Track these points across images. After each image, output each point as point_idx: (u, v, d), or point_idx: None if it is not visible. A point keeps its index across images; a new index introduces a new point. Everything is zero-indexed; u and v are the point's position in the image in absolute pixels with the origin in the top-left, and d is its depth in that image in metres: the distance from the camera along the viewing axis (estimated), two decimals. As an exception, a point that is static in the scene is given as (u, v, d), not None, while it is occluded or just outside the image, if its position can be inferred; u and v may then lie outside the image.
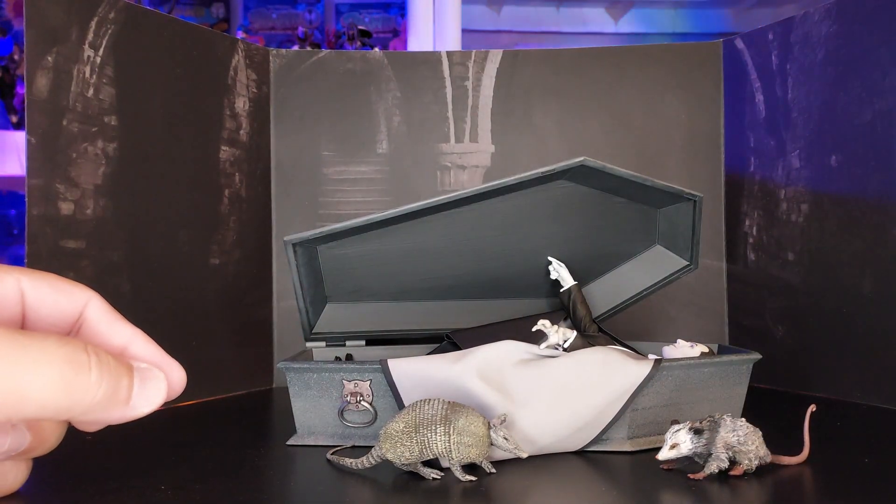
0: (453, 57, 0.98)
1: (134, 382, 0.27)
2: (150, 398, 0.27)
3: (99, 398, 0.25)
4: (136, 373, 0.27)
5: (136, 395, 0.27)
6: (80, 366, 0.24)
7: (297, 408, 0.60)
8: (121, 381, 0.25)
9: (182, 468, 0.54)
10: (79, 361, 0.24)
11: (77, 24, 0.72)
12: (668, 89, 0.95)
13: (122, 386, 0.25)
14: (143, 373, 0.27)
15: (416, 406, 0.49)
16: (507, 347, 0.56)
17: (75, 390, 0.24)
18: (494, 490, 0.48)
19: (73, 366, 0.24)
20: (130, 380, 0.26)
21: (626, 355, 0.57)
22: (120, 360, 0.26)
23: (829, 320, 0.80)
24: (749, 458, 0.49)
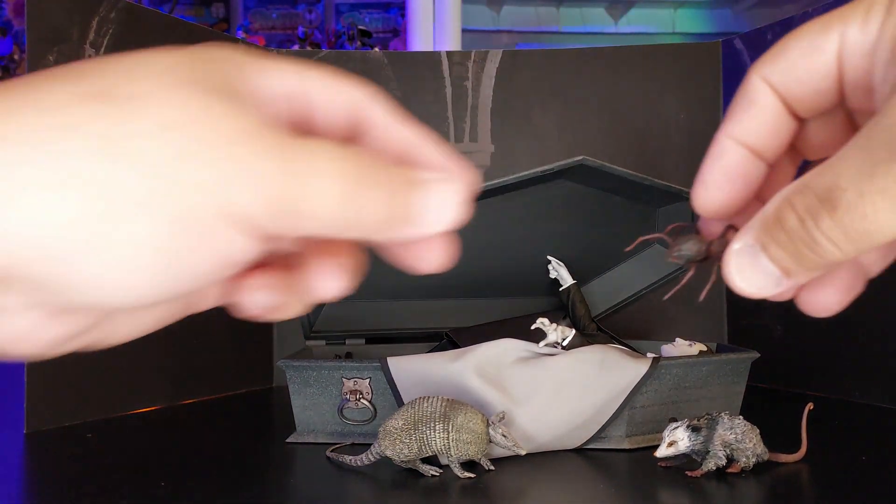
0: (453, 57, 0.98)
1: (421, 198, 0.22)
2: (441, 216, 0.22)
3: (382, 215, 0.21)
4: (423, 187, 0.22)
5: (425, 212, 0.22)
6: (363, 181, 0.20)
7: (296, 405, 0.60)
8: (406, 198, 0.21)
9: (182, 465, 0.54)
10: (359, 173, 0.20)
11: (78, 24, 0.72)
12: (667, 89, 0.95)
13: (408, 203, 0.21)
14: (432, 186, 0.22)
15: (415, 403, 0.49)
16: (505, 345, 0.56)
17: (357, 207, 0.20)
18: (493, 487, 0.48)
19: (355, 181, 0.20)
20: (416, 195, 0.22)
21: (625, 354, 0.57)
22: (405, 172, 0.22)
23: (827, 319, 0.80)
24: (747, 456, 0.49)
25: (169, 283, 0.20)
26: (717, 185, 0.27)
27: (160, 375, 0.78)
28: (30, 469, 0.58)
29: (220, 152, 0.19)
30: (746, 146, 0.27)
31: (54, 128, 0.18)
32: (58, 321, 0.21)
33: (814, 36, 0.25)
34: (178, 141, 0.19)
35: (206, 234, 0.19)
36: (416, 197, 0.22)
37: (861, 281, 0.26)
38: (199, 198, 0.19)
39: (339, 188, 0.20)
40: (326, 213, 0.20)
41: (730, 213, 0.26)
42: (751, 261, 0.24)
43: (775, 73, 0.26)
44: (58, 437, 0.64)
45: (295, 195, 0.20)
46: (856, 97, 0.25)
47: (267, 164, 0.19)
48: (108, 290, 0.19)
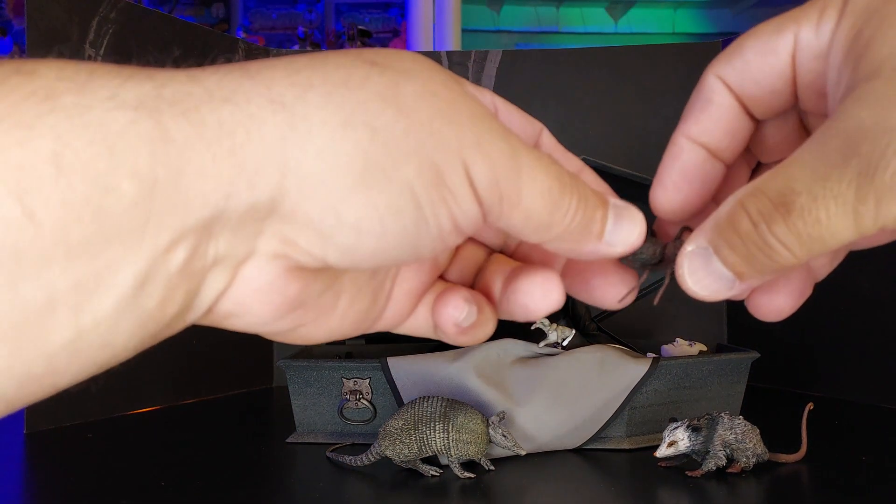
0: (453, 57, 0.98)
1: (608, 218, 0.24)
2: (625, 238, 0.24)
3: (574, 225, 0.23)
4: (611, 209, 0.24)
5: (610, 232, 0.24)
6: (565, 186, 0.23)
7: (296, 405, 0.60)
8: (595, 213, 0.24)
9: (182, 465, 0.54)
10: (564, 182, 0.23)
11: (78, 24, 0.72)
12: (667, 89, 0.95)
13: (596, 218, 0.24)
14: (620, 210, 0.25)
15: (415, 403, 0.49)
16: (505, 346, 0.56)
17: (557, 209, 0.23)
18: (493, 487, 0.48)
19: (559, 184, 0.22)
20: (605, 214, 0.24)
21: (625, 354, 0.57)
22: (597, 193, 0.24)
23: (827, 319, 0.80)
24: (747, 456, 0.49)
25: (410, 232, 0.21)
26: (674, 185, 0.27)
27: (160, 375, 0.78)
28: (30, 469, 0.58)
29: (469, 120, 0.21)
30: (704, 146, 0.27)
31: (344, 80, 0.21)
32: (295, 279, 0.22)
33: (768, 36, 0.25)
34: (438, 103, 0.21)
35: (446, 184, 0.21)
36: (607, 215, 0.24)
37: (810, 285, 0.26)
38: (449, 151, 0.21)
39: (549, 187, 0.22)
40: (535, 207, 0.22)
41: (687, 215, 0.26)
42: (703, 263, 0.24)
43: (731, 73, 0.26)
44: (58, 437, 0.64)
45: (516, 181, 0.22)
46: (809, 100, 0.25)
47: (502, 145, 0.21)
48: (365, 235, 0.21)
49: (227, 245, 0.21)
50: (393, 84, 0.21)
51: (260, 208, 0.20)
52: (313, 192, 0.20)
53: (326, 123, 0.20)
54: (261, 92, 0.20)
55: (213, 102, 0.19)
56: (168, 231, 0.19)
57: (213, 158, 0.19)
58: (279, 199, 0.20)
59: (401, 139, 0.20)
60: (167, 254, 0.19)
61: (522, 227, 0.22)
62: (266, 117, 0.19)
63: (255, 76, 0.20)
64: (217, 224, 0.20)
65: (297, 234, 0.21)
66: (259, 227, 0.21)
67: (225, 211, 0.20)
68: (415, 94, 0.21)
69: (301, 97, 0.20)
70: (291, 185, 0.20)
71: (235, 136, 0.19)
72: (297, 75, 0.20)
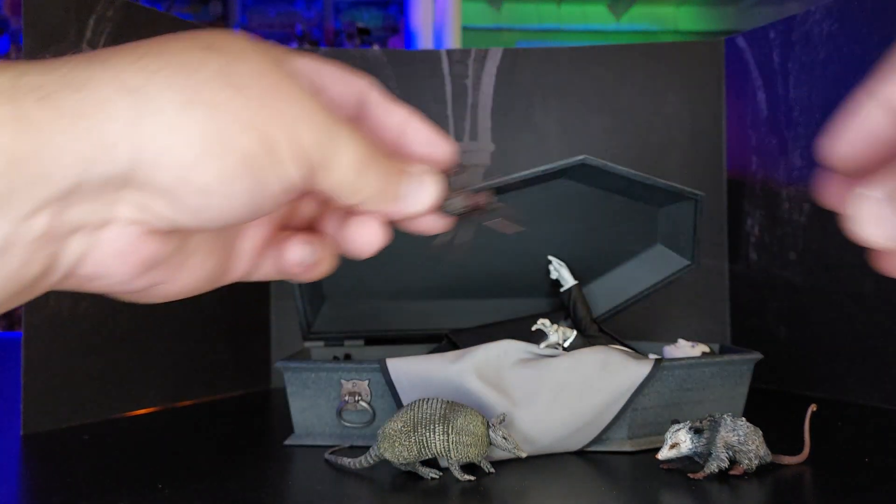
0: (453, 55, 0.97)
1: (406, 184, 0.30)
2: (419, 199, 0.30)
3: (377, 189, 0.28)
4: (408, 177, 0.30)
5: (406, 196, 0.30)
6: (372, 157, 0.28)
7: (294, 408, 0.60)
8: (397, 181, 0.29)
9: (180, 468, 0.54)
10: (371, 154, 0.28)
11: (75, 22, 0.71)
12: (669, 88, 0.95)
13: (395, 182, 0.29)
14: (415, 176, 0.30)
15: (414, 405, 0.49)
16: (506, 347, 0.56)
17: (361, 173, 0.27)
18: (493, 490, 0.47)
19: (367, 155, 0.27)
20: (401, 181, 0.30)
21: (627, 355, 0.56)
22: (398, 163, 0.30)
23: (830, 320, 0.80)
24: (749, 458, 0.48)
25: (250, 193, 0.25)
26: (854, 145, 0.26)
27: (157, 377, 0.78)
28: (27, 471, 0.57)
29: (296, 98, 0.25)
30: None
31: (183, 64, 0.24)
32: (150, 241, 0.25)
33: None
34: (269, 81, 0.25)
35: (277, 153, 0.25)
36: (403, 183, 0.29)
37: None
38: (279, 125, 0.25)
39: (355, 160, 0.27)
40: (343, 176, 0.27)
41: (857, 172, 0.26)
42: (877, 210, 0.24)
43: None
44: (55, 438, 0.64)
45: (331, 153, 0.26)
46: None
47: (323, 119, 0.26)
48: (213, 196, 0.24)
49: (85, 213, 0.23)
50: (228, 65, 0.24)
51: (116, 179, 0.23)
52: (164, 163, 0.23)
53: (172, 102, 0.23)
54: (112, 77, 0.23)
55: (70, 89, 0.22)
56: (30, 201, 0.22)
57: (72, 137, 0.22)
58: (134, 170, 0.23)
59: (238, 114, 0.24)
60: (28, 220, 0.22)
61: (336, 190, 0.27)
62: (118, 100, 0.22)
63: (105, 64, 0.23)
64: (76, 194, 0.23)
65: (152, 201, 0.24)
66: (116, 196, 0.24)
67: (83, 182, 0.23)
68: (248, 73, 0.24)
69: (148, 81, 0.23)
70: (145, 157, 0.23)
71: (92, 118, 0.22)
72: (142, 61, 0.23)
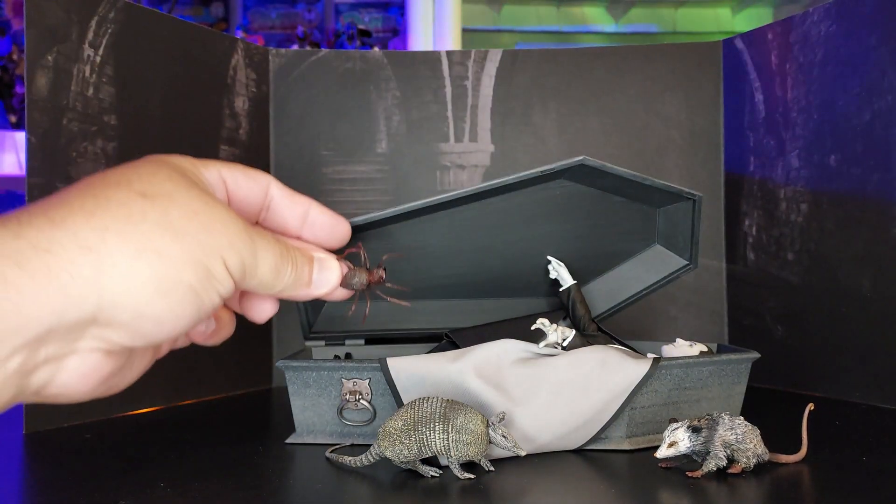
0: (453, 56, 0.98)
1: (314, 270, 0.37)
2: (326, 281, 0.38)
3: (291, 281, 0.35)
4: (315, 262, 0.37)
5: (316, 280, 0.37)
6: (285, 258, 0.35)
7: (296, 406, 0.60)
8: (304, 269, 0.36)
9: (181, 466, 0.54)
10: (284, 255, 0.35)
11: (77, 24, 0.72)
12: (667, 89, 0.95)
13: (305, 272, 0.36)
14: (321, 262, 0.38)
15: (414, 404, 0.49)
16: (505, 346, 0.56)
17: (279, 273, 0.34)
18: (493, 488, 0.48)
19: (281, 258, 0.34)
20: (311, 268, 0.37)
21: (625, 354, 0.57)
22: (304, 252, 0.37)
23: (828, 320, 0.80)
24: (747, 457, 0.49)
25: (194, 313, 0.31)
26: None
27: (159, 376, 0.78)
28: (29, 470, 0.57)
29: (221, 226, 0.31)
30: None
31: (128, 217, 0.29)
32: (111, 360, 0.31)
33: None
34: (199, 219, 0.31)
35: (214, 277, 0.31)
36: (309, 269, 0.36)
37: None
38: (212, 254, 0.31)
39: (272, 262, 0.34)
40: (265, 276, 0.34)
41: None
42: None
43: None
44: (57, 437, 0.64)
45: (253, 263, 0.33)
46: None
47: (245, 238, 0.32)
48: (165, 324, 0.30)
49: (54, 349, 0.28)
50: (164, 212, 0.30)
51: (83, 321, 0.28)
52: (123, 305, 0.28)
53: (124, 254, 0.28)
54: (71, 239, 0.28)
55: (37, 252, 0.27)
56: (8, 346, 0.27)
57: (45, 294, 0.27)
58: (98, 312, 0.28)
59: (179, 255, 0.29)
60: (6, 362, 0.27)
61: (257, 288, 0.34)
62: (80, 260, 0.28)
63: (62, 225, 0.28)
64: (48, 336, 0.28)
65: (112, 333, 0.29)
66: (81, 333, 0.29)
67: (56, 327, 0.27)
68: (180, 216, 0.30)
69: (102, 239, 0.28)
70: (106, 302, 0.28)
71: (61, 277, 0.27)
72: (93, 219, 0.28)
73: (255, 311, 0.38)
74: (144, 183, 0.30)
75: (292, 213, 0.38)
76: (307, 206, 0.39)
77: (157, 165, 0.32)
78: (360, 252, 0.44)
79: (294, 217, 0.39)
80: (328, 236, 0.39)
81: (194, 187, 0.32)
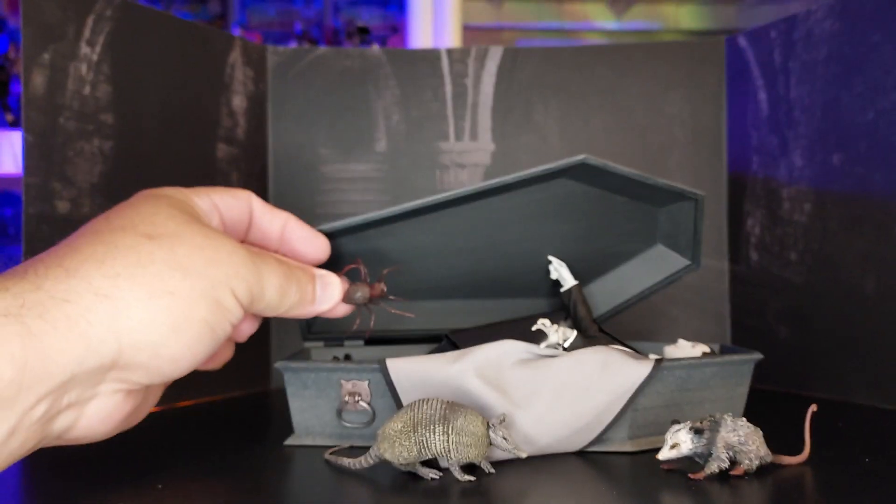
0: (453, 54, 0.97)
1: (317, 287, 0.39)
2: (328, 298, 0.40)
3: (296, 300, 0.37)
4: (317, 279, 0.39)
5: (319, 297, 0.39)
6: (289, 279, 0.36)
7: (294, 408, 0.60)
8: (308, 287, 0.38)
9: (179, 468, 0.54)
10: (288, 276, 0.36)
11: (74, 22, 0.71)
12: (670, 87, 0.95)
13: (308, 290, 0.38)
14: (323, 279, 0.40)
15: (414, 406, 0.49)
16: (506, 347, 0.56)
17: (284, 294, 0.36)
18: (493, 490, 0.47)
19: (286, 279, 0.36)
20: (314, 286, 0.39)
21: (627, 355, 0.56)
22: (307, 270, 0.38)
23: (831, 320, 0.80)
24: (750, 458, 0.48)
25: (209, 346, 0.32)
26: None
27: (158, 376, 0.78)
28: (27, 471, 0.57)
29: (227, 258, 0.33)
30: None
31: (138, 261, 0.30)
32: (130, 399, 0.32)
33: None
34: (204, 253, 0.32)
35: (225, 308, 0.32)
36: (313, 287, 0.38)
37: None
38: (221, 286, 0.32)
39: (278, 284, 0.35)
40: (272, 299, 0.36)
41: None
42: None
43: None
44: (54, 439, 0.64)
45: (260, 288, 0.34)
46: None
47: (251, 267, 0.34)
48: (182, 360, 0.31)
49: (77, 394, 0.29)
50: (171, 251, 0.31)
51: (104, 366, 0.29)
52: (142, 347, 0.30)
53: (139, 300, 0.30)
54: (86, 288, 0.29)
55: (56, 302, 0.28)
56: (34, 395, 0.27)
57: (67, 343, 0.28)
58: (118, 357, 0.29)
59: (190, 292, 0.31)
60: (32, 410, 0.28)
61: (264, 310, 0.36)
62: (97, 307, 0.29)
63: (77, 273, 0.29)
64: (71, 382, 0.29)
65: (131, 375, 0.30)
66: (102, 377, 0.30)
67: (78, 373, 0.29)
68: (187, 253, 0.31)
69: (116, 286, 0.29)
70: (125, 346, 0.29)
71: (80, 324, 0.28)
72: (104, 266, 0.30)
73: (234, 333, 0.39)
74: (148, 224, 0.32)
75: (272, 227, 0.40)
76: (285, 220, 0.40)
77: (156, 203, 0.33)
78: (359, 267, 0.44)
79: (274, 231, 0.40)
80: (305, 250, 0.40)
81: (195, 222, 0.33)
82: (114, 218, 0.32)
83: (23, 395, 0.27)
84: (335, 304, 0.40)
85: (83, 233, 0.32)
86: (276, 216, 0.40)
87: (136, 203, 0.33)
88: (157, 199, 0.33)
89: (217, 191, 0.38)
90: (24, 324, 0.27)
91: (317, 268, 0.40)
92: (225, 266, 0.32)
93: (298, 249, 0.41)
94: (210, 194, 0.37)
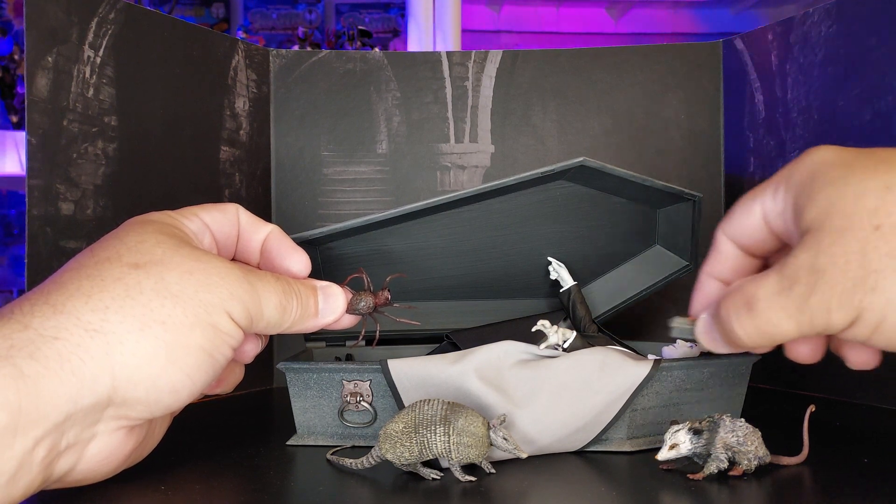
0: (453, 57, 0.98)
1: (319, 300, 0.38)
2: (332, 309, 0.39)
3: (298, 315, 0.36)
4: (319, 292, 0.38)
5: (322, 310, 0.38)
6: (288, 294, 0.35)
7: (296, 408, 0.60)
8: (309, 301, 0.37)
9: (182, 468, 0.54)
10: (287, 291, 0.35)
11: (77, 25, 0.72)
12: (667, 89, 0.95)
13: (311, 304, 0.37)
14: (325, 290, 0.39)
15: (415, 406, 0.49)
16: (506, 347, 0.56)
17: (285, 311, 0.35)
18: (494, 490, 0.48)
19: (285, 295, 0.35)
20: (315, 299, 0.38)
21: (626, 355, 0.57)
22: (307, 284, 0.37)
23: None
24: (748, 459, 0.49)
25: (209, 373, 0.31)
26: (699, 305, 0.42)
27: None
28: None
29: (219, 279, 0.31)
30: (718, 279, 0.41)
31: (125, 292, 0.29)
32: (133, 435, 0.32)
33: (747, 203, 0.41)
34: (195, 277, 0.30)
35: (222, 332, 0.31)
36: (315, 300, 0.37)
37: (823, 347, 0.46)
38: (216, 310, 0.31)
39: (277, 301, 0.34)
40: (272, 317, 0.34)
41: None
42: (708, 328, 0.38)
43: (729, 230, 0.42)
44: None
45: (258, 308, 0.33)
46: (789, 241, 0.37)
47: (246, 286, 0.32)
48: (182, 391, 0.30)
49: (74, 434, 0.29)
50: (159, 278, 0.29)
51: (100, 403, 0.28)
52: (137, 381, 0.29)
53: (131, 332, 0.28)
54: (75, 324, 0.28)
55: (46, 340, 0.27)
56: (32, 438, 0.27)
57: (60, 381, 0.27)
58: (113, 393, 0.29)
59: (183, 319, 0.29)
60: (31, 454, 0.27)
61: (266, 329, 0.35)
62: (89, 344, 0.28)
63: (64, 309, 0.28)
64: (68, 422, 0.28)
65: (130, 410, 0.30)
66: (100, 415, 0.29)
67: (74, 412, 0.28)
68: (177, 279, 0.30)
69: (105, 320, 0.28)
70: (120, 381, 0.28)
71: (72, 361, 0.27)
72: (91, 300, 0.28)
73: (237, 354, 0.38)
74: (133, 253, 0.30)
75: (257, 237, 0.39)
76: (267, 233, 0.39)
77: (142, 231, 0.32)
78: (362, 276, 0.43)
79: (259, 241, 0.39)
80: (282, 265, 0.39)
81: (184, 245, 0.31)
82: (98, 250, 0.31)
83: (20, 437, 0.26)
84: (339, 316, 0.39)
85: (68, 268, 0.30)
86: (260, 228, 0.39)
87: (121, 233, 0.32)
88: (144, 225, 0.32)
89: (205, 208, 0.37)
90: (15, 365, 0.26)
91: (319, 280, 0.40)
92: (218, 289, 0.31)
93: (276, 264, 0.39)
94: (199, 213, 0.36)
